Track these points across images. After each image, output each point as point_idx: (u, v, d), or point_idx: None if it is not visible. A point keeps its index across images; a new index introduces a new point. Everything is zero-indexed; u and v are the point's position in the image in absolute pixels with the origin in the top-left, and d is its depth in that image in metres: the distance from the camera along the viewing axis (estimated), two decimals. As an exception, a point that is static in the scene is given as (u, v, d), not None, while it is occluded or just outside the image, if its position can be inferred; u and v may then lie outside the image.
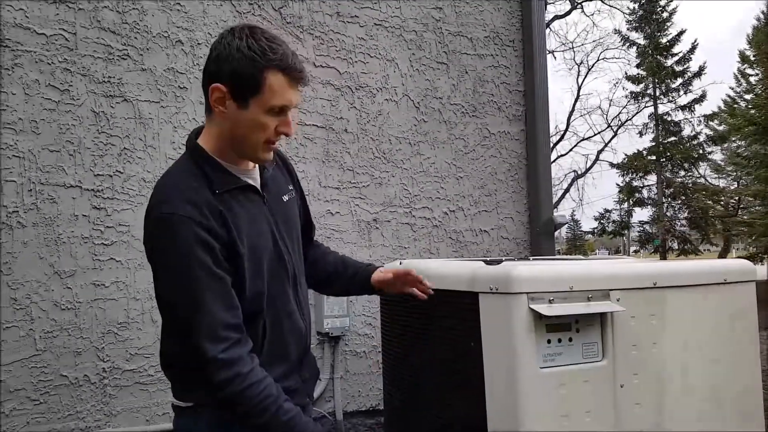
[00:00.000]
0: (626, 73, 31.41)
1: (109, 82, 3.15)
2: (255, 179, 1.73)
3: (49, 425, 2.97)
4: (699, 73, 30.51)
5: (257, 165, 1.75)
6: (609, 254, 43.66)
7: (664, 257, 29.02)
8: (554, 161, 26.54)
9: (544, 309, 1.88)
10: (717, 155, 29.89)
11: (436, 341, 2.23)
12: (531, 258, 3.54)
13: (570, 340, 1.96)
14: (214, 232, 1.56)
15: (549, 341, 1.93)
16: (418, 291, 1.99)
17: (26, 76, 2.98)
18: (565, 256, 4.99)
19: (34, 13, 2.99)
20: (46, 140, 3.01)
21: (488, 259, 2.47)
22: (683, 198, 29.78)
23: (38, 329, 2.97)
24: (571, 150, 29.48)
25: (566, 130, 28.52)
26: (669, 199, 30.58)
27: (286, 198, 1.84)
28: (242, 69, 1.55)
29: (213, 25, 3.38)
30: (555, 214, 4.42)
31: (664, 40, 30.88)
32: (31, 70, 2.99)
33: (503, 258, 2.98)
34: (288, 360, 1.74)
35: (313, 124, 3.67)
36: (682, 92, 30.81)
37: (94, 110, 3.11)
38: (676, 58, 30.86)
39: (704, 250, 31.58)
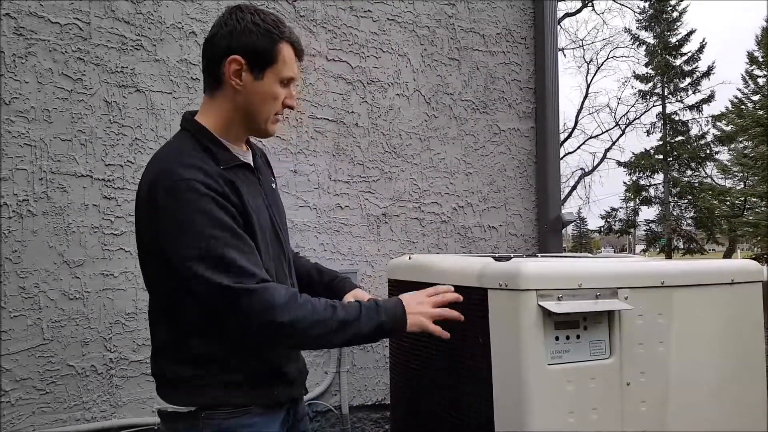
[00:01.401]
0: (635, 72, 31.41)
1: (122, 72, 3.16)
2: (250, 161, 1.76)
3: (54, 415, 2.99)
4: (707, 73, 30.50)
5: (249, 150, 1.79)
6: (615, 252, 43.60)
7: (669, 256, 29.00)
8: (562, 158, 26.38)
9: (552, 306, 1.88)
10: (724, 155, 29.83)
11: (444, 336, 2.24)
12: (539, 255, 3.54)
13: (578, 337, 1.96)
14: (230, 199, 1.56)
15: (557, 338, 1.93)
16: None
17: (39, 64, 2.99)
18: (572, 254, 4.99)
19: (49, 1, 3.00)
20: (58, 129, 3.02)
21: (497, 255, 2.47)
22: (690, 197, 29.75)
23: (46, 318, 2.98)
24: (579, 147, 29.53)
25: (574, 127, 28.56)
26: (675, 198, 30.58)
27: (274, 186, 1.89)
28: (260, 41, 1.62)
29: (226, 17, 3.38)
30: (563, 211, 4.42)
31: (673, 40, 30.87)
32: (45, 58, 3.00)
33: (512, 254, 2.98)
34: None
35: (324, 118, 3.68)
36: (690, 92, 30.81)
37: (107, 100, 3.12)
38: (684, 58, 30.83)
39: (710, 249, 31.53)
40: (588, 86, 29.45)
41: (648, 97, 31.13)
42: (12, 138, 2.93)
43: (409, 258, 2.59)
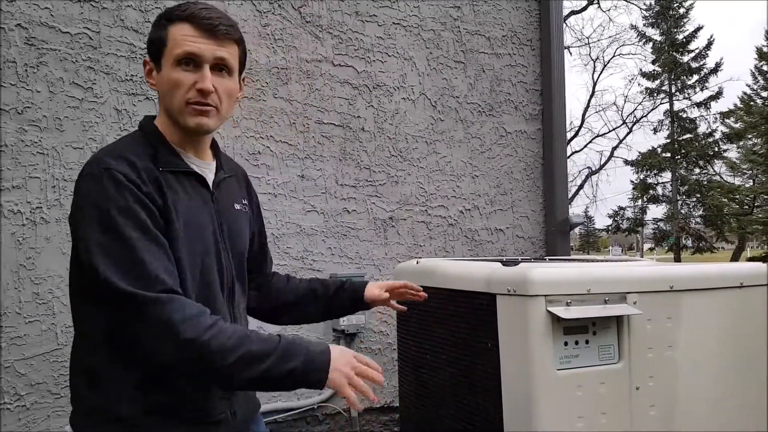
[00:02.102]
0: (641, 70, 31.32)
1: (131, 80, 3.19)
2: (206, 174, 1.60)
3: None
4: (715, 70, 30.35)
5: (215, 163, 1.65)
6: (622, 251, 43.45)
7: (678, 255, 28.90)
8: (568, 157, 26.28)
9: (561, 311, 1.89)
10: (732, 153, 29.70)
11: (453, 341, 2.25)
12: (547, 258, 3.54)
13: (587, 342, 1.97)
14: (151, 197, 1.42)
15: (566, 343, 1.94)
16: (411, 297, 1.95)
17: (51, 74, 3.02)
18: (581, 256, 4.99)
19: (59, 11, 3.03)
20: (70, 137, 3.05)
21: (505, 259, 2.48)
22: (698, 195, 29.64)
23: (60, 323, 3.01)
24: (585, 146, 29.45)
25: (581, 126, 28.49)
26: (684, 197, 30.46)
27: (237, 207, 1.70)
28: (154, 33, 1.52)
29: (233, 24, 3.40)
30: (570, 213, 4.43)
31: (680, 37, 30.76)
32: (56, 68, 3.03)
33: (519, 258, 2.99)
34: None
35: (331, 123, 3.69)
36: (698, 89, 30.68)
37: (117, 108, 3.15)
38: (692, 55, 30.71)
39: (719, 247, 31.41)
40: (594, 84, 29.61)
41: (655, 94, 31.03)
42: (25, 146, 2.96)
43: (417, 262, 2.60)
